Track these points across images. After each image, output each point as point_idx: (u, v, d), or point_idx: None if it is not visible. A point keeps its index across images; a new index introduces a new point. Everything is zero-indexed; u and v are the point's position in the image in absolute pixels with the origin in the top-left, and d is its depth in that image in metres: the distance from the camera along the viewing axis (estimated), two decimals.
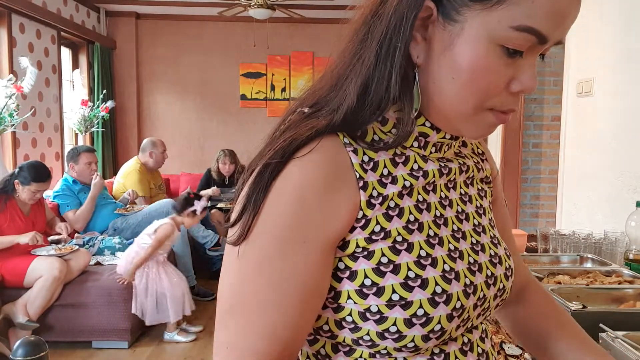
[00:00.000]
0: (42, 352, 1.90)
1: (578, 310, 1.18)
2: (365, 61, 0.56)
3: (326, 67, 0.63)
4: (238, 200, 0.57)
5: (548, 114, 4.17)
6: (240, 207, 0.55)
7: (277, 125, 0.63)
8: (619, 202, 2.22)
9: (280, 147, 0.55)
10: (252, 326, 0.54)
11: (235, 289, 0.55)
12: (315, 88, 0.61)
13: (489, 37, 0.52)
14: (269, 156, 0.55)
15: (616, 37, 2.31)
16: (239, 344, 0.55)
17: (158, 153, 4.67)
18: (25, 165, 3.26)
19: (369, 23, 0.56)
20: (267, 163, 0.54)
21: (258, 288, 0.54)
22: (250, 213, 0.54)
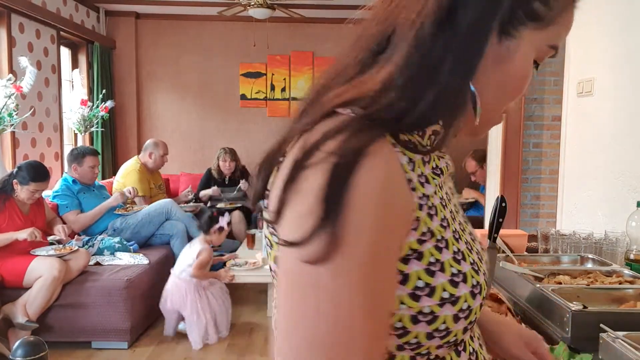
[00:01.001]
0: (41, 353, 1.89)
1: (578, 311, 1.18)
2: (441, 73, 0.53)
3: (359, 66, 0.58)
4: (297, 209, 0.49)
5: (548, 114, 4.16)
6: (316, 218, 0.47)
7: (306, 122, 0.55)
8: (619, 202, 2.22)
9: (347, 146, 0.49)
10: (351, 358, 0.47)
11: (324, 318, 0.47)
12: (361, 90, 0.54)
13: (535, 53, 0.59)
14: (334, 156, 0.48)
15: (616, 37, 2.31)
16: None
17: (158, 155, 4.65)
18: (24, 164, 3.26)
19: (441, 36, 0.53)
20: (339, 163, 0.48)
21: (356, 312, 0.47)
22: (333, 222, 0.46)
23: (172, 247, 4.09)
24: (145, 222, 4.03)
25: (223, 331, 3.41)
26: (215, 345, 3.29)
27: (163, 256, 3.89)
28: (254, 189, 0.56)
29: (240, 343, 3.35)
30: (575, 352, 1.16)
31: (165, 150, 4.72)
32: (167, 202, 4.22)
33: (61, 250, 3.21)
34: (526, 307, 1.41)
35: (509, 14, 0.55)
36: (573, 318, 1.17)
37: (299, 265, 0.48)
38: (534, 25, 0.57)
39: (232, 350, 3.24)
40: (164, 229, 4.11)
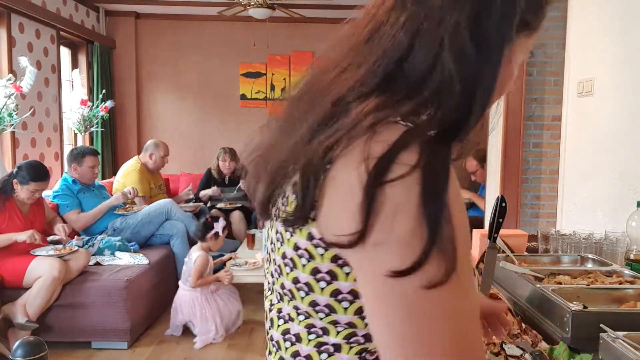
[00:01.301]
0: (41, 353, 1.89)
1: (578, 311, 1.17)
2: (479, 89, 0.53)
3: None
4: (397, 232, 0.46)
5: (548, 114, 4.16)
6: (423, 239, 0.45)
7: (346, 130, 0.52)
8: (619, 202, 2.22)
9: (431, 158, 0.48)
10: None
11: (460, 339, 0.48)
12: (407, 103, 0.53)
13: (523, 57, 0.64)
14: (420, 169, 0.47)
15: (616, 37, 2.31)
16: None
17: (158, 156, 4.65)
18: (23, 164, 3.25)
19: (477, 55, 0.53)
20: (429, 175, 0.47)
21: (477, 324, 0.50)
22: (440, 241, 0.46)
23: (172, 247, 4.09)
24: (145, 222, 4.03)
25: (233, 328, 3.44)
26: (215, 345, 3.29)
27: (163, 256, 3.89)
28: (302, 199, 0.53)
29: (240, 343, 3.35)
30: (575, 352, 1.16)
31: (165, 151, 4.71)
32: (167, 202, 4.21)
33: (61, 251, 3.21)
34: (526, 307, 1.40)
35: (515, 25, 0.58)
36: (573, 318, 1.17)
37: (415, 293, 0.46)
38: (526, 33, 0.60)
39: (232, 350, 3.24)
40: (164, 229, 4.11)
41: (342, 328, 0.58)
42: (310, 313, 0.58)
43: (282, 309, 0.62)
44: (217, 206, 5.02)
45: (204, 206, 4.94)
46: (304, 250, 0.56)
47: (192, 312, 3.34)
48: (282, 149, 0.58)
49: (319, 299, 0.57)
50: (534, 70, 4.12)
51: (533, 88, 4.13)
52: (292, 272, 0.58)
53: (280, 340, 0.63)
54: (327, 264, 0.55)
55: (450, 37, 0.52)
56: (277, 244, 0.60)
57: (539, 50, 4.10)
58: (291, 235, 0.57)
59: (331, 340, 0.58)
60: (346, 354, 0.58)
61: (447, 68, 0.52)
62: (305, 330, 0.59)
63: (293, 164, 0.56)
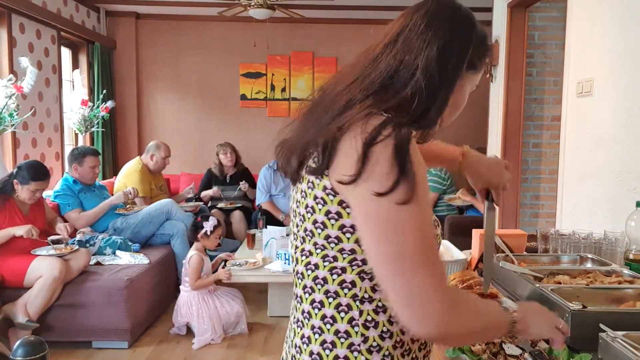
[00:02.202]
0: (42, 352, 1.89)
1: (578, 310, 1.18)
2: (438, 99, 0.85)
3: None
4: (378, 170, 0.75)
5: (548, 114, 4.17)
6: (395, 174, 0.75)
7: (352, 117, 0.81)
8: (619, 202, 2.22)
9: (400, 132, 0.78)
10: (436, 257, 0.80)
11: (418, 237, 0.77)
12: (390, 102, 0.83)
13: (469, 88, 0.94)
14: (392, 138, 0.76)
15: (616, 37, 2.31)
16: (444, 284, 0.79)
17: (159, 157, 4.66)
18: (24, 164, 3.26)
19: (441, 75, 0.85)
20: (398, 141, 0.76)
21: (429, 230, 0.79)
22: (406, 176, 0.75)
23: (173, 247, 4.10)
24: (145, 222, 4.03)
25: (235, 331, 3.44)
26: (215, 345, 3.29)
27: (163, 256, 3.89)
28: (321, 160, 0.81)
29: (240, 343, 3.35)
30: (574, 351, 1.16)
31: (167, 152, 4.73)
32: (168, 202, 4.22)
33: (62, 250, 3.21)
34: None
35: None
36: (572, 318, 1.17)
37: (389, 208, 0.75)
38: (473, 72, 0.92)
39: (232, 350, 3.25)
40: (165, 229, 4.11)
41: (347, 254, 0.85)
42: (325, 245, 0.86)
43: (305, 248, 0.89)
44: (217, 206, 5.02)
45: (204, 206, 4.94)
46: (320, 199, 0.84)
47: (189, 313, 3.35)
48: (310, 132, 0.86)
49: (330, 232, 0.84)
50: (533, 71, 4.12)
51: (532, 88, 4.13)
52: (312, 216, 0.85)
53: (303, 271, 0.90)
54: (335, 207, 0.83)
55: (423, 67, 0.83)
56: (302, 200, 0.88)
57: (539, 51, 4.11)
58: (311, 189, 0.85)
59: (339, 265, 0.85)
60: (350, 274, 0.85)
61: (418, 85, 0.83)
62: (321, 260, 0.87)
63: (319, 138, 0.82)
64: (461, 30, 0.88)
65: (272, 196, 4.84)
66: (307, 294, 0.89)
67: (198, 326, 3.30)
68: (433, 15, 0.88)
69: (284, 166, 0.93)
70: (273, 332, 3.52)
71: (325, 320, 0.87)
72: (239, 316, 3.44)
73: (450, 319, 0.77)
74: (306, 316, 0.89)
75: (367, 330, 0.86)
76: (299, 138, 0.89)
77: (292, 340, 0.93)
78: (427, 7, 0.89)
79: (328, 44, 5.92)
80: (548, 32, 4.08)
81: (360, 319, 0.86)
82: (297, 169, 0.89)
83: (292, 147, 0.90)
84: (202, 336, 3.29)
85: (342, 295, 0.86)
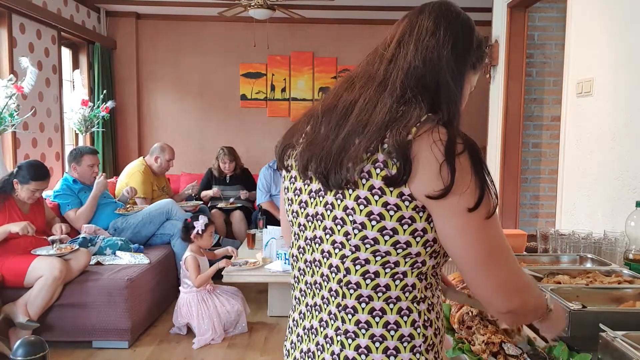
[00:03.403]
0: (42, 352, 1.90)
1: (578, 310, 1.18)
2: (460, 102, 0.93)
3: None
4: (470, 180, 0.80)
5: (548, 114, 4.17)
6: (481, 185, 0.81)
7: (414, 123, 0.83)
8: (618, 202, 2.23)
9: (468, 140, 0.82)
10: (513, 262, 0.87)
11: (503, 244, 0.85)
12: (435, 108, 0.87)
13: (470, 88, 0.99)
14: (468, 147, 0.81)
15: (616, 37, 2.32)
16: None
17: (163, 159, 4.68)
18: (24, 164, 3.26)
19: (458, 81, 0.93)
20: (474, 151, 0.81)
21: (503, 234, 0.86)
22: (487, 192, 0.81)
23: (173, 247, 4.10)
24: (145, 222, 4.04)
25: (236, 330, 3.44)
26: (215, 345, 3.29)
27: (164, 256, 3.89)
28: (400, 169, 0.80)
29: (240, 343, 3.35)
30: (574, 351, 1.16)
31: (171, 155, 4.75)
32: (168, 202, 4.22)
33: (62, 250, 3.21)
34: None
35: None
36: (572, 318, 1.17)
37: (482, 220, 0.82)
38: (473, 72, 0.97)
39: (232, 350, 3.25)
40: (165, 229, 4.11)
41: (410, 258, 0.86)
42: (390, 252, 0.85)
43: (359, 257, 0.86)
44: (217, 206, 5.02)
45: (204, 206, 4.95)
46: (393, 205, 0.83)
47: (189, 313, 3.35)
48: (335, 140, 0.86)
49: (400, 238, 0.84)
50: (533, 71, 4.13)
51: (532, 88, 4.14)
52: (380, 223, 0.83)
53: (359, 280, 0.87)
54: (409, 212, 0.83)
55: (445, 65, 0.89)
56: (357, 207, 0.84)
57: (538, 51, 4.11)
58: (379, 197, 0.83)
59: (401, 269, 0.86)
60: (410, 277, 0.87)
61: (446, 84, 0.88)
62: (381, 267, 0.86)
63: (378, 142, 0.82)
64: (465, 31, 0.93)
65: (272, 196, 4.84)
66: (363, 304, 0.87)
67: (198, 326, 3.31)
68: (438, 16, 0.92)
69: (317, 171, 0.88)
70: (273, 331, 3.53)
71: (389, 327, 0.87)
72: (240, 314, 3.44)
73: (530, 295, 0.90)
74: (363, 326, 0.87)
75: (426, 330, 0.89)
76: (324, 145, 0.88)
77: (339, 354, 0.89)
78: (430, 9, 0.93)
79: (328, 44, 5.92)
80: (548, 32, 4.08)
81: (420, 320, 0.88)
82: (326, 178, 0.86)
83: (339, 151, 0.86)
84: (203, 336, 3.29)
85: (403, 299, 0.87)
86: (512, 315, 0.89)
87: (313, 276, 0.93)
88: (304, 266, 0.95)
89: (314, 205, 0.91)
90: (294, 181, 0.97)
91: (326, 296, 0.90)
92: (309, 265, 0.94)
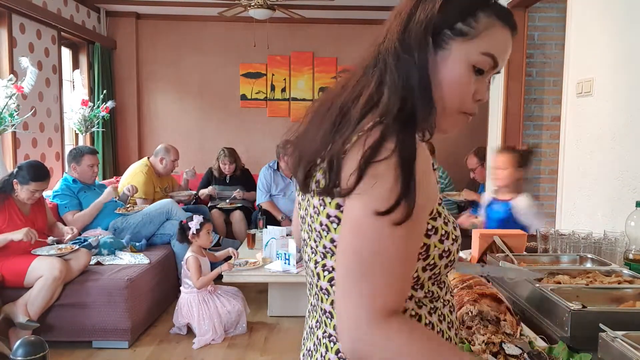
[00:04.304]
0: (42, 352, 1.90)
1: (578, 310, 1.18)
2: (421, 85, 0.77)
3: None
4: (379, 188, 0.70)
5: (548, 114, 4.17)
6: (397, 194, 0.70)
7: (351, 130, 0.77)
8: (618, 202, 2.23)
9: (404, 143, 0.72)
10: (393, 281, 0.71)
11: (391, 254, 0.71)
12: (382, 108, 0.77)
13: (466, 59, 0.79)
14: (397, 151, 0.71)
15: (616, 37, 2.32)
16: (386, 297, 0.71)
17: (168, 160, 4.69)
18: (24, 164, 3.26)
19: (410, 65, 0.78)
20: (403, 156, 0.71)
21: (401, 249, 0.72)
22: (408, 197, 0.70)
23: (173, 247, 4.10)
24: (145, 222, 4.04)
25: (237, 330, 3.44)
26: (215, 345, 3.29)
27: (164, 256, 3.89)
28: (329, 180, 0.75)
29: (240, 343, 3.35)
30: (574, 351, 1.16)
31: (176, 155, 4.76)
32: (168, 202, 4.22)
33: (62, 250, 3.21)
34: (525, 306, 1.41)
35: (438, 32, 0.78)
36: (572, 318, 1.18)
37: (388, 226, 0.70)
38: (461, 39, 0.78)
39: (232, 350, 3.25)
40: (165, 229, 4.12)
41: None
42: None
43: (326, 264, 0.84)
44: (217, 206, 5.02)
45: (204, 206, 4.95)
46: (334, 217, 0.79)
47: (190, 313, 3.35)
48: (317, 140, 0.81)
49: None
50: (533, 71, 4.13)
51: (532, 88, 4.14)
52: (328, 235, 0.81)
53: (328, 287, 0.85)
54: None
55: (388, 49, 0.78)
56: (315, 216, 0.83)
57: (538, 51, 4.11)
58: (323, 207, 0.80)
59: None
60: None
61: (391, 73, 0.77)
62: None
63: (325, 152, 0.78)
64: None
65: (272, 196, 4.84)
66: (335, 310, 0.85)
67: (199, 327, 3.31)
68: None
69: (294, 170, 0.88)
70: (273, 331, 3.53)
71: None
72: (240, 314, 3.44)
73: (368, 346, 0.70)
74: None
75: None
76: (306, 145, 0.85)
77: (325, 356, 0.88)
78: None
79: (328, 44, 5.92)
80: (548, 32, 4.08)
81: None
82: (304, 180, 0.84)
83: (300, 153, 0.86)
84: (203, 336, 3.29)
85: None
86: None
87: (308, 277, 0.95)
88: (305, 265, 0.97)
89: (303, 207, 0.92)
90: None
91: (315, 298, 0.91)
92: (306, 265, 0.96)
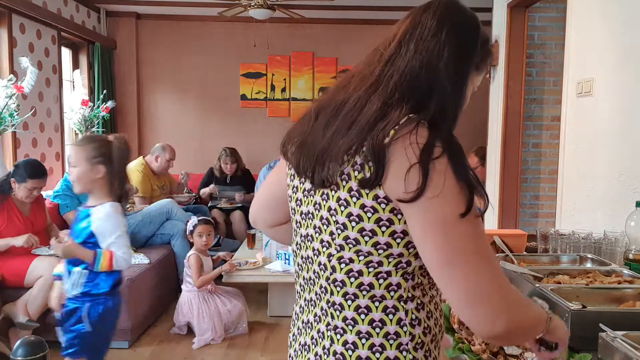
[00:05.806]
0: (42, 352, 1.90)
1: (578, 310, 1.18)
2: (460, 105, 0.91)
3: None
4: (452, 185, 0.79)
5: (548, 114, 4.17)
6: (467, 189, 0.79)
7: (393, 126, 0.82)
8: (618, 202, 2.23)
9: (451, 143, 0.81)
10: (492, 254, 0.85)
11: (484, 243, 0.82)
12: (422, 109, 0.85)
13: (473, 88, 0.97)
14: (449, 151, 0.80)
15: (616, 37, 2.32)
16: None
17: (164, 159, 4.70)
18: (21, 162, 3.25)
19: (455, 83, 0.90)
20: (456, 154, 0.80)
21: (486, 241, 0.84)
22: (473, 194, 0.80)
23: (173, 247, 4.10)
24: (145, 222, 4.04)
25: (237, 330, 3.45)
26: (215, 345, 3.29)
27: (164, 256, 3.89)
28: (373, 173, 0.81)
29: (240, 343, 3.35)
30: (574, 351, 1.16)
31: (172, 155, 4.76)
32: (168, 202, 4.23)
33: None
34: None
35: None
36: (572, 317, 1.18)
37: (472, 222, 0.80)
38: (477, 73, 0.95)
39: (232, 350, 3.25)
40: (165, 229, 4.11)
41: (393, 259, 0.86)
42: (372, 252, 0.85)
43: (344, 256, 0.87)
44: (217, 206, 5.02)
45: (205, 206, 4.95)
46: (369, 207, 0.83)
47: (190, 313, 3.35)
48: (344, 136, 0.85)
49: (380, 239, 0.84)
50: (533, 71, 4.13)
51: (532, 88, 4.13)
52: (359, 224, 0.84)
53: (344, 278, 0.88)
54: (387, 214, 0.83)
55: (443, 67, 0.86)
56: (339, 208, 0.86)
57: (538, 51, 4.11)
58: (357, 198, 0.84)
59: (384, 269, 0.86)
60: (395, 277, 0.87)
61: (443, 86, 0.86)
62: (365, 266, 0.87)
63: (364, 146, 0.82)
64: (469, 31, 0.91)
65: None
66: (349, 301, 0.89)
67: (198, 326, 3.30)
68: (442, 15, 0.89)
69: (305, 169, 0.91)
70: (273, 331, 3.53)
71: (374, 325, 0.88)
72: (241, 314, 3.44)
73: (520, 313, 0.83)
74: (350, 323, 0.89)
75: (413, 329, 0.89)
76: (330, 142, 0.87)
77: (329, 349, 0.91)
78: (435, 7, 0.91)
79: (328, 44, 5.92)
80: (548, 32, 4.08)
81: (406, 318, 0.89)
82: (332, 175, 0.86)
83: (322, 150, 0.87)
84: (203, 336, 3.29)
85: (388, 298, 0.88)
86: (503, 340, 0.86)
87: (308, 272, 0.95)
88: (301, 262, 0.98)
89: (307, 203, 0.93)
90: (292, 179, 0.98)
91: (318, 292, 0.93)
92: (304, 261, 0.96)
